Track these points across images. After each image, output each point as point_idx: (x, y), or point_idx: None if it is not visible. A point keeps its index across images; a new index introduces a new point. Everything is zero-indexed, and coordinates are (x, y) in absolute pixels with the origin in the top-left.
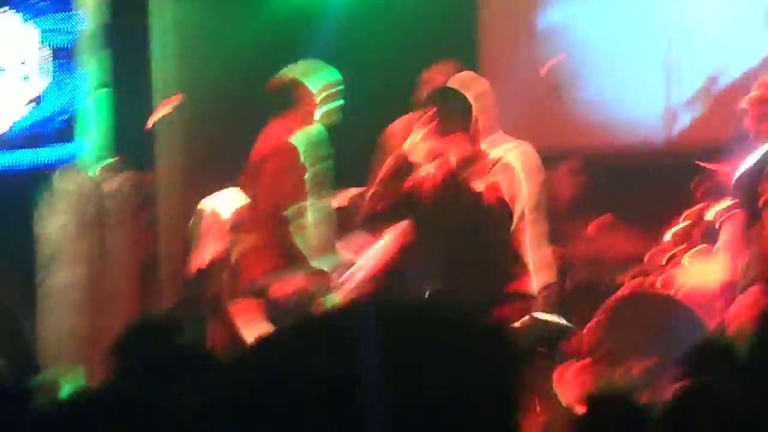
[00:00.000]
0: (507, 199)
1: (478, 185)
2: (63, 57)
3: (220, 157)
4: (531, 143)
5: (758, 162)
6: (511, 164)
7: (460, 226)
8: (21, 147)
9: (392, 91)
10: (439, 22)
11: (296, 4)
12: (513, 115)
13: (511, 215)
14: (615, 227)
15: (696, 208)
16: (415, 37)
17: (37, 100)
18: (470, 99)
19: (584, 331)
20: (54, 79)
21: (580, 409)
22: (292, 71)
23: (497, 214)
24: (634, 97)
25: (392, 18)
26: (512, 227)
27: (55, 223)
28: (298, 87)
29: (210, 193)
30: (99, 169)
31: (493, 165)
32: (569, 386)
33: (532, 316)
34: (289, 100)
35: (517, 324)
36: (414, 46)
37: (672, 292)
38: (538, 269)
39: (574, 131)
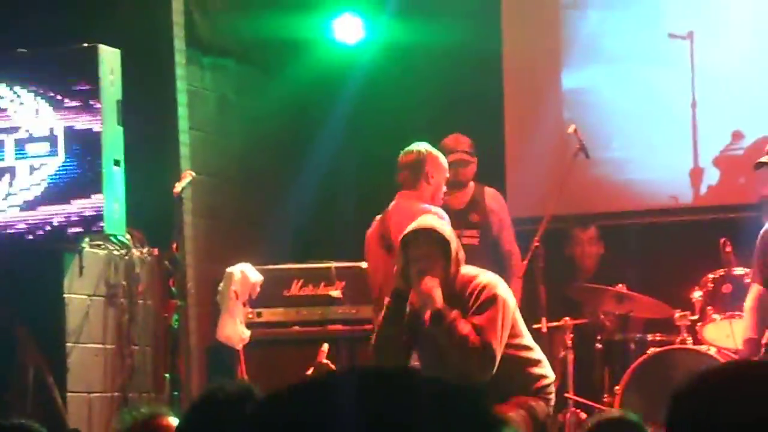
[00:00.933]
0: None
1: (464, 327)
2: (84, 131)
3: (242, 229)
4: (557, 207)
5: None
6: (497, 293)
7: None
8: (46, 218)
9: None
10: (464, 86)
11: (317, 75)
12: (538, 180)
13: (494, 356)
14: (643, 287)
15: (724, 266)
16: (439, 104)
17: (60, 174)
18: (446, 235)
19: (617, 390)
20: (74, 153)
21: None
22: (421, 148)
23: (482, 356)
24: (660, 158)
25: (416, 85)
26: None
27: (84, 289)
28: (431, 164)
29: (233, 263)
30: (126, 237)
31: (478, 293)
32: None
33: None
34: (420, 175)
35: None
36: (437, 113)
37: (704, 348)
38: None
39: (600, 194)
